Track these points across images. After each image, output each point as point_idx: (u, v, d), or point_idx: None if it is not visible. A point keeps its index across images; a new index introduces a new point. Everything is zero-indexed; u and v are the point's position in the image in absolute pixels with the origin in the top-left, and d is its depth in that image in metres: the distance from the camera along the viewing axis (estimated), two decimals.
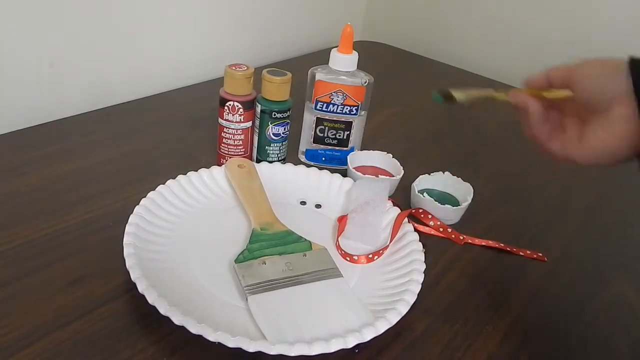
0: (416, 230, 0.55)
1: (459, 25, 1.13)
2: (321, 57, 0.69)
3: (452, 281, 0.53)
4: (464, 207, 0.61)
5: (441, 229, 0.59)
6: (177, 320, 0.40)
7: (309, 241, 0.52)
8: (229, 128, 0.62)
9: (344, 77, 0.64)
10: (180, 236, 0.52)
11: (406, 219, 0.56)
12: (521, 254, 0.58)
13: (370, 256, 0.53)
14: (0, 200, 0.55)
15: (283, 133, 0.64)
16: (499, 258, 0.57)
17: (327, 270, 0.49)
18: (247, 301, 0.45)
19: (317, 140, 0.68)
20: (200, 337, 0.39)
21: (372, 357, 0.43)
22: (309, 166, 0.64)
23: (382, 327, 0.42)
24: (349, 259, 0.53)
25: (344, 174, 0.64)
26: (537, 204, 0.69)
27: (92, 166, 0.63)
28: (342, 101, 0.65)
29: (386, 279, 0.50)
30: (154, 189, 0.54)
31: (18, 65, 0.68)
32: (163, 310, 0.41)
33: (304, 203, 0.61)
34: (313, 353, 0.40)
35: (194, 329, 0.39)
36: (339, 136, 0.68)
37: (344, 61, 0.63)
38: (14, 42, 0.67)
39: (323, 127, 0.67)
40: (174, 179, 0.57)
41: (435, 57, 1.14)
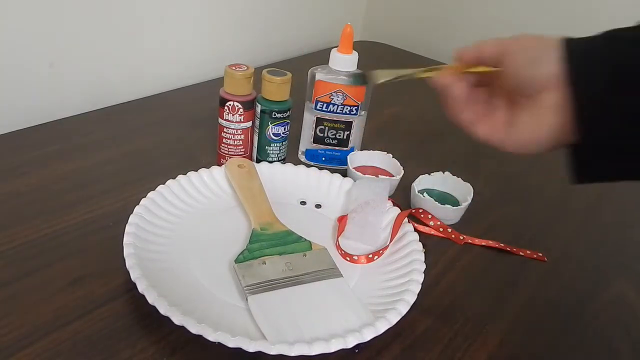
0: (416, 230, 0.55)
1: (459, 25, 1.13)
2: (321, 57, 0.69)
3: (452, 281, 0.53)
4: (464, 207, 0.61)
5: (441, 229, 0.59)
6: (177, 320, 0.40)
7: (309, 241, 0.52)
8: (229, 128, 0.62)
9: (344, 77, 0.64)
10: (180, 236, 0.52)
11: (406, 219, 0.56)
12: (521, 254, 0.58)
13: (370, 256, 0.53)
14: (0, 200, 0.55)
15: (283, 133, 0.64)
16: (499, 258, 0.57)
17: (327, 270, 0.49)
18: (247, 301, 0.45)
19: (317, 140, 0.68)
20: (200, 337, 0.39)
21: (372, 357, 0.43)
22: (309, 166, 0.64)
23: (382, 327, 0.42)
24: (349, 259, 0.53)
25: (344, 174, 0.64)
26: (537, 204, 0.69)
27: (92, 166, 0.63)
28: (342, 101, 0.65)
29: (386, 279, 0.50)
30: (154, 189, 0.54)
31: (18, 65, 0.68)
32: (163, 310, 0.41)
33: (304, 203, 0.61)
34: (313, 353, 0.40)
35: (194, 329, 0.39)
36: (339, 136, 0.68)
37: (344, 61, 0.63)
38: (14, 42, 0.67)
39: (323, 127, 0.67)
40: (174, 179, 0.57)
41: (436, 57, 1.14)
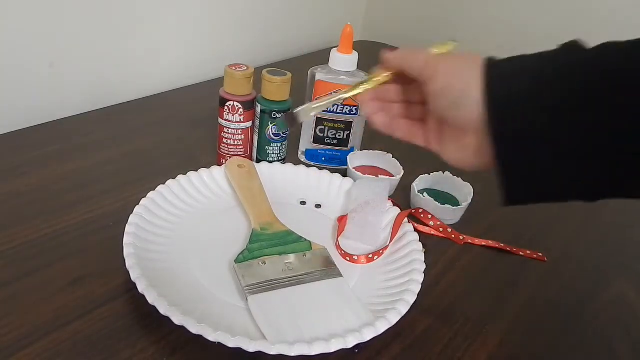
0: (416, 230, 0.55)
1: (459, 25, 1.13)
2: (321, 57, 0.69)
3: (452, 281, 0.53)
4: (464, 207, 0.61)
5: (441, 229, 0.59)
6: (177, 320, 0.40)
7: (309, 241, 0.52)
8: (229, 128, 0.62)
9: (344, 77, 0.64)
10: (180, 236, 0.52)
11: (406, 219, 0.56)
12: (521, 254, 0.58)
13: (370, 256, 0.53)
14: (0, 200, 0.55)
15: (283, 133, 0.64)
16: (499, 258, 0.57)
17: (327, 270, 0.49)
18: (247, 301, 0.45)
19: (317, 140, 0.68)
20: (200, 337, 0.39)
21: (372, 357, 0.43)
22: (309, 166, 0.64)
23: (382, 327, 0.42)
24: (349, 259, 0.53)
25: (344, 174, 0.64)
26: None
27: (92, 166, 0.63)
28: (342, 101, 0.64)
29: (386, 279, 0.50)
30: (154, 189, 0.54)
31: (18, 65, 0.68)
32: (163, 310, 0.41)
33: (304, 203, 0.61)
34: (313, 353, 0.40)
35: (194, 329, 0.39)
36: (339, 136, 0.68)
37: (344, 61, 0.63)
38: (14, 42, 0.67)
39: (323, 127, 0.67)
40: (174, 179, 0.57)
41: None
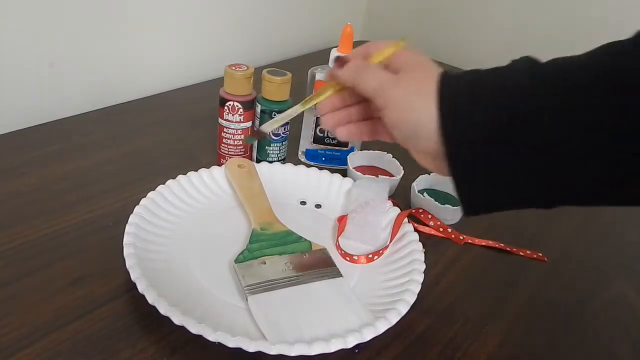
0: (416, 230, 0.55)
1: (459, 25, 1.13)
2: (321, 57, 0.69)
3: (452, 281, 0.53)
4: None
5: (441, 229, 0.59)
6: (177, 320, 0.40)
7: (309, 241, 0.52)
8: (229, 128, 0.62)
9: None
10: (180, 236, 0.52)
11: (406, 219, 0.56)
12: (521, 254, 0.58)
13: (370, 256, 0.53)
14: (0, 200, 0.55)
15: (283, 133, 0.64)
16: (499, 258, 0.57)
17: (327, 270, 0.49)
18: (247, 301, 0.45)
19: (317, 140, 0.68)
20: (200, 337, 0.39)
21: (372, 357, 0.43)
22: (309, 166, 0.64)
23: (382, 327, 0.42)
24: (349, 259, 0.53)
25: (344, 174, 0.64)
26: None
27: (92, 166, 0.63)
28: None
29: (386, 279, 0.50)
30: (154, 189, 0.54)
31: (18, 65, 0.68)
32: (163, 310, 0.41)
33: (304, 203, 0.61)
34: (313, 353, 0.40)
35: (194, 329, 0.39)
36: None
37: None
38: (14, 42, 0.67)
39: (323, 127, 0.67)
40: (174, 179, 0.57)
41: (436, 57, 1.14)
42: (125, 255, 0.45)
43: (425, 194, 0.62)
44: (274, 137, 0.63)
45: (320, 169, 0.63)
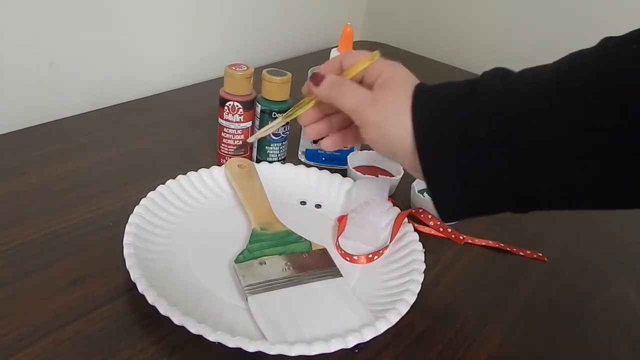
0: (416, 230, 0.55)
1: (459, 25, 1.13)
2: (321, 57, 0.69)
3: (452, 281, 0.53)
4: None
5: (441, 229, 0.59)
6: (177, 320, 0.40)
7: (309, 241, 0.52)
8: (229, 128, 0.62)
9: None
10: (180, 236, 0.52)
11: (406, 219, 0.56)
12: (521, 254, 0.58)
13: (370, 256, 0.53)
14: (0, 200, 0.55)
15: (283, 133, 0.64)
16: (499, 258, 0.57)
17: (327, 270, 0.49)
18: (247, 301, 0.45)
19: (317, 140, 0.68)
20: (200, 337, 0.39)
21: (372, 357, 0.43)
22: (309, 166, 0.64)
23: (382, 327, 0.42)
24: (349, 259, 0.53)
25: (344, 174, 0.64)
26: None
27: (92, 166, 0.63)
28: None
29: (386, 279, 0.50)
30: (154, 189, 0.54)
31: (18, 65, 0.68)
32: (163, 310, 0.41)
33: (304, 203, 0.61)
34: (313, 353, 0.40)
35: (194, 329, 0.39)
36: None
37: None
38: (14, 42, 0.67)
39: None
40: (174, 179, 0.57)
41: (436, 57, 1.14)
42: (125, 255, 0.45)
43: (425, 194, 0.62)
44: (274, 137, 0.63)
45: (320, 169, 0.63)
